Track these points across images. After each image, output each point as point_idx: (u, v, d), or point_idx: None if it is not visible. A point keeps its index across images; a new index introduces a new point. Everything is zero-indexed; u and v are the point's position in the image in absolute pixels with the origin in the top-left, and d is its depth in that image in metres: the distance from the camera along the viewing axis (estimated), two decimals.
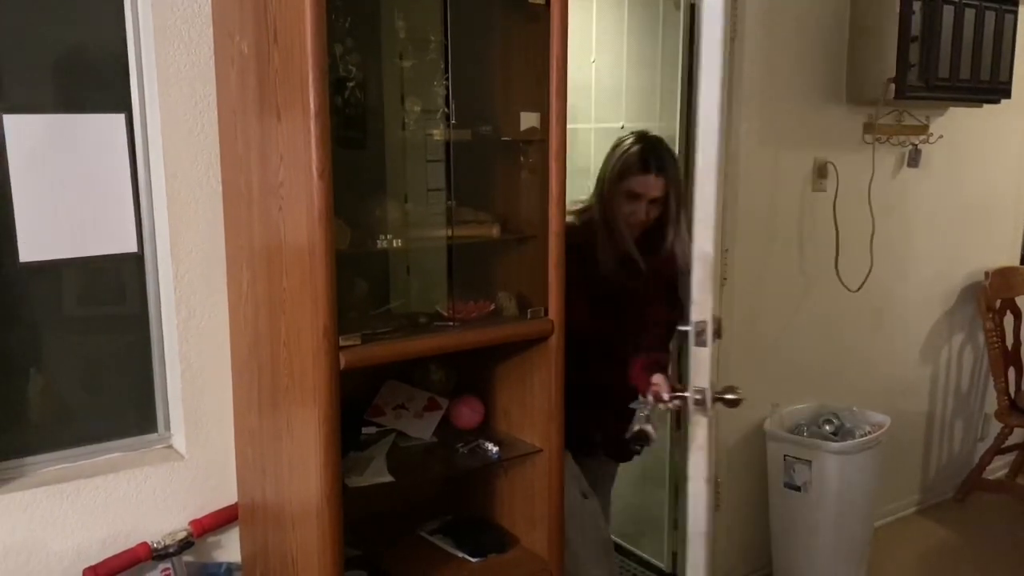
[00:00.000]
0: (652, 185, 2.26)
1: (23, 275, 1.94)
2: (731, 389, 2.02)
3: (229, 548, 2.17)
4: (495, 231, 1.97)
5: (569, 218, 2.14)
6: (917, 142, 3.58)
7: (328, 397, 1.65)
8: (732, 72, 2.95)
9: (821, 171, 3.31)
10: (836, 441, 3.11)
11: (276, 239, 1.75)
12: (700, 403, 1.95)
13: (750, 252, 3.15)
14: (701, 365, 1.99)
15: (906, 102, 3.37)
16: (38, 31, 1.90)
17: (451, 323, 1.90)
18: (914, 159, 3.60)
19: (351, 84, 1.86)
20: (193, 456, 2.10)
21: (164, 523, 2.06)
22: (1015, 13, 3.46)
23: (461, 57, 1.92)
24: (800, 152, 3.26)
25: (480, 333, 1.90)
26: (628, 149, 2.30)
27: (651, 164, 2.27)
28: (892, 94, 3.20)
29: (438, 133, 1.92)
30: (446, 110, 1.91)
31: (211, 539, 2.15)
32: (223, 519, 2.13)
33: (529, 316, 1.96)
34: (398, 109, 1.92)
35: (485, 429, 2.18)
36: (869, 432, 3.17)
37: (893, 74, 3.18)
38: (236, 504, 2.13)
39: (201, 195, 2.01)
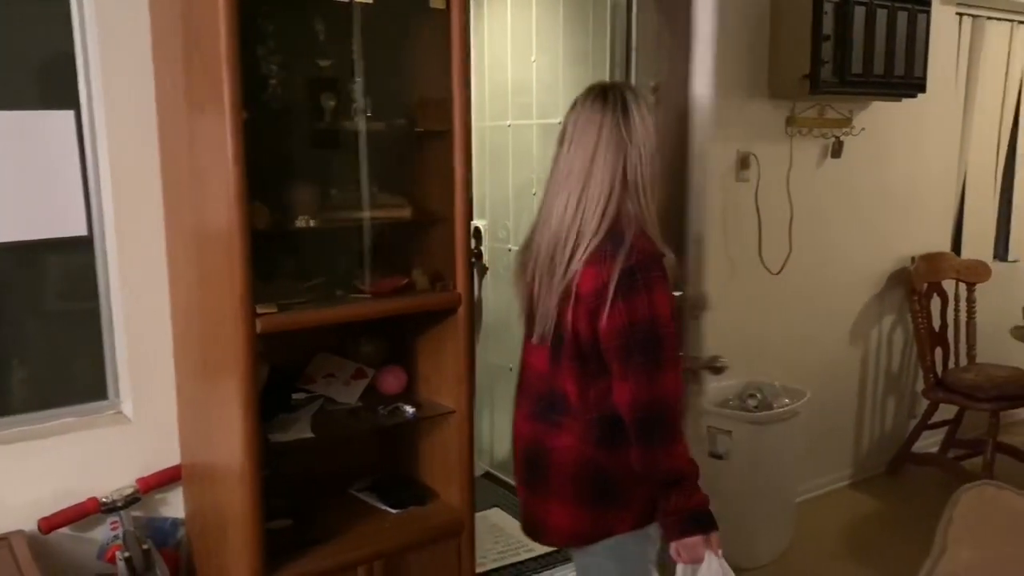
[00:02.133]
0: None
1: None
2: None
3: (175, 505, 2.39)
4: (407, 213, 2.19)
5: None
6: (839, 134, 3.81)
7: (246, 358, 1.87)
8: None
9: (744, 162, 3.53)
10: (754, 412, 3.33)
11: (203, 220, 1.97)
12: None
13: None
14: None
15: (828, 96, 3.60)
16: None
17: (366, 295, 2.12)
18: (836, 150, 3.82)
19: (273, 82, 2.09)
20: (139, 420, 2.32)
21: (113, 481, 2.27)
22: (927, 13, 3.68)
23: (375, 57, 2.14)
24: (723, 144, 3.48)
25: (391, 304, 2.12)
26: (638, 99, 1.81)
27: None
28: (808, 89, 3.43)
29: (354, 125, 2.13)
30: (362, 104, 2.14)
31: (158, 496, 2.37)
32: (167, 478, 2.35)
33: (438, 289, 2.18)
34: (317, 104, 2.14)
35: (408, 394, 2.40)
36: (787, 405, 3.39)
37: (808, 71, 3.41)
38: (179, 465, 2.35)
39: (143, 183, 2.23)
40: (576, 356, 1.80)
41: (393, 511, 2.31)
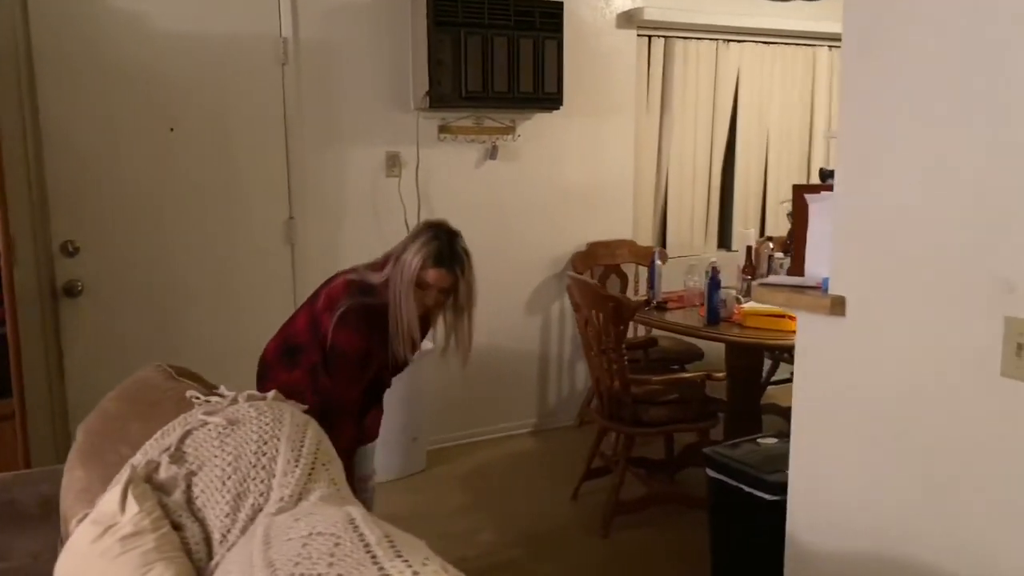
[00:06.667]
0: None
1: None
2: None
3: None
4: None
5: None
6: (495, 140, 4.62)
7: None
8: (286, 89, 4.09)
9: (392, 161, 4.39)
10: None
11: None
12: None
13: (321, 221, 4.27)
14: None
15: (453, 110, 4.41)
16: None
17: None
18: (493, 153, 4.63)
19: None
20: None
21: None
22: (557, 39, 4.43)
23: None
24: (371, 147, 4.35)
25: None
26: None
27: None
28: (428, 103, 4.26)
29: None
30: None
31: None
32: None
33: None
34: None
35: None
36: None
37: (428, 88, 4.24)
38: None
39: None
40: None
41: None
